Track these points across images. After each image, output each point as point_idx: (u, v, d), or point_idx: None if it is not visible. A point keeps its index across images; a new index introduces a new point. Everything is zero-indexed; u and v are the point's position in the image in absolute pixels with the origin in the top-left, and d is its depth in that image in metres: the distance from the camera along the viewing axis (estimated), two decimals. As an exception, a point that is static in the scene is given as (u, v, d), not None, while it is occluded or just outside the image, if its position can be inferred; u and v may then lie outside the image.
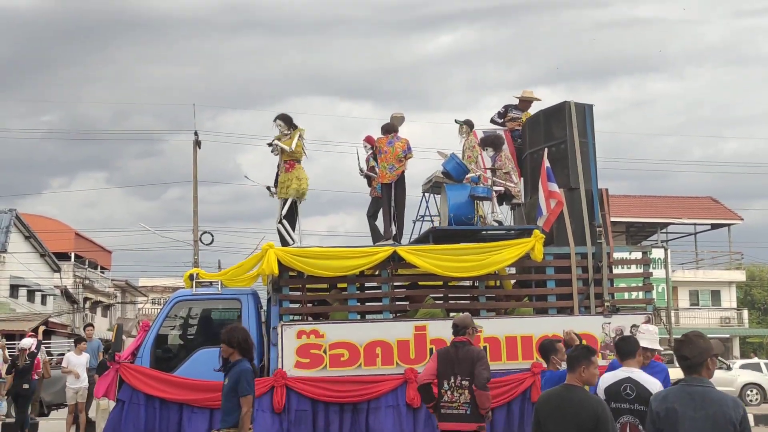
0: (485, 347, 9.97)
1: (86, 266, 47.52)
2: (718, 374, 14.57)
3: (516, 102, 12.48)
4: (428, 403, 7.79)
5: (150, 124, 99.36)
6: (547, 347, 7.58)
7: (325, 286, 11.01)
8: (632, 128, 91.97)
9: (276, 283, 10.13)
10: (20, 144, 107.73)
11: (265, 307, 10.59)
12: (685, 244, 48.12)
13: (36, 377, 14.92)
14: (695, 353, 4.63)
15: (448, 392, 7.48)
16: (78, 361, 14.43)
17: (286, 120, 11.42)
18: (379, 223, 11.80)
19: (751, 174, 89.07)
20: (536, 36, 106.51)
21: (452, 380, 7.47)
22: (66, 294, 42.42)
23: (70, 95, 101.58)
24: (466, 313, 8.19)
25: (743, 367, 27.43)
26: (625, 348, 6.18)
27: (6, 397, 15.40)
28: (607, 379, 6.12)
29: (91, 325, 17.76)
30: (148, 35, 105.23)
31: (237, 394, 6.89)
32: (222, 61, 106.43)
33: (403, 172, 11.38)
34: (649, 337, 6.83)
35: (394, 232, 11.31)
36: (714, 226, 45.86)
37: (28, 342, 15.12)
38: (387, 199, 11.32)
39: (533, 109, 12.28)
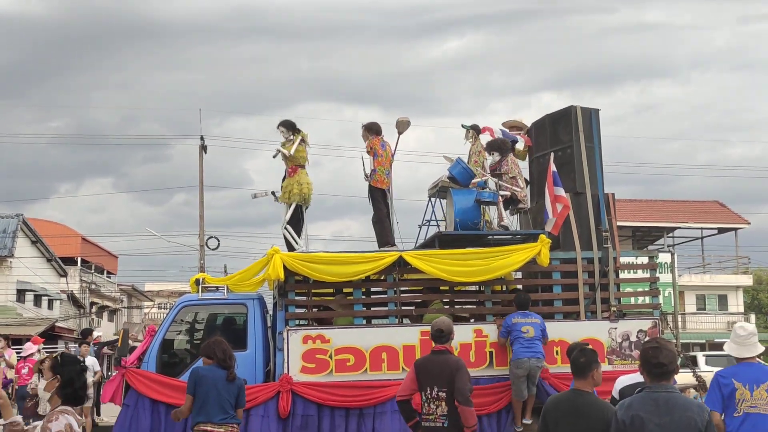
0: (490, 353, 9.96)
1: (93, 271, 47.62)
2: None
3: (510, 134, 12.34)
4: (408, 421, 7.17)
5: (156, 130, 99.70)
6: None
7: (330, 291, 10.99)
8: (638, 133, 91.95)
9: (282, 288, 10.12)
10: (28, 149, 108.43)
11: (271, 312, 10.59)
12: (691, 248, 48.07)
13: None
14: (671, 359, 4.64)
15: (425, 404, 6.99)
16: None
17: (288, 126, 11.40)
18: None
19: (757, 178, 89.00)
20: (543, 41, 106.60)
21: (428, 391, 6.96)
22: (72, 299, 42.47)
23: (78, 101, 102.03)
24: (448, 319, 7.65)
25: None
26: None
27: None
28: (623, 380, 6.16)
29: (87, 342, 16.21)
30: (155, 42, 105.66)
31: None
32: (229, 66, 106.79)
33: None
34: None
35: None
36: (721, 231, 45.77)
37: (32, 346, 15.27)
38: (386, 206, 11.29)
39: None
